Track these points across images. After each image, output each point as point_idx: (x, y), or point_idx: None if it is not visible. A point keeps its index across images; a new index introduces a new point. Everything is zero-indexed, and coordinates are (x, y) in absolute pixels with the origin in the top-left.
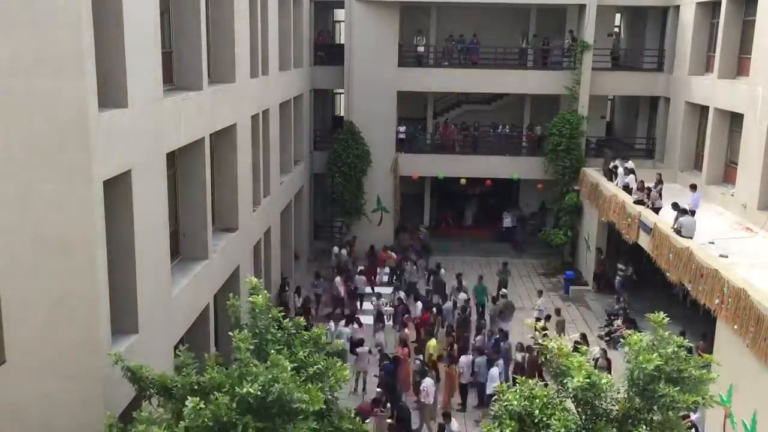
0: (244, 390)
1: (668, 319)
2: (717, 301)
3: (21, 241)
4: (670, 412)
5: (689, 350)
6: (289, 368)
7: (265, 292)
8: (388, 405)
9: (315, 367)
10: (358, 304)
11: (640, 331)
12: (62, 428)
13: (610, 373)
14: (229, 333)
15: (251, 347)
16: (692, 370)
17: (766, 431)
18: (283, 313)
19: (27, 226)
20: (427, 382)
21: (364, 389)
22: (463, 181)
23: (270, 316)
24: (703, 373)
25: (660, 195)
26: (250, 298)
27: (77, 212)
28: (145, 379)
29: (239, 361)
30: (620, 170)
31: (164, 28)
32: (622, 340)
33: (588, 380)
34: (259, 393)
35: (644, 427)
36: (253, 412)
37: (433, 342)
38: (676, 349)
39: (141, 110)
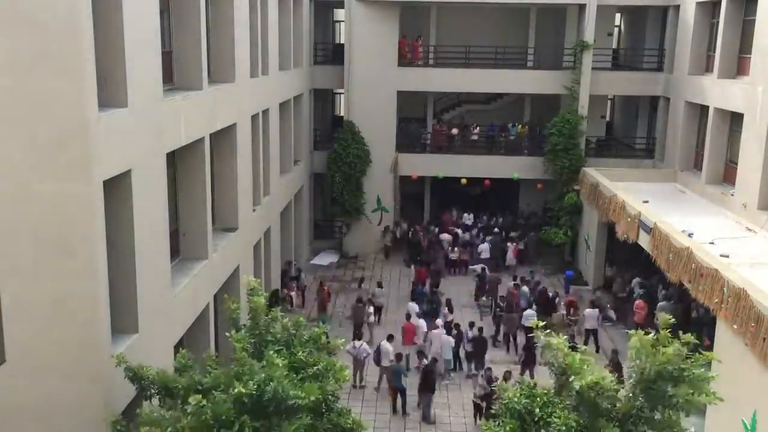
0: (236, 390)
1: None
2: (716, 300)
3: (21, 241)
4: (670, 411)
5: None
6: (281, 365)
7: (265, 293)
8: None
9: (315, 368)
10: None
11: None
12: (62, 428)
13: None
14: (226, 334)
15: (249, 347)
16: (693, 368)
17: (766, 431)
18: (282, 313)
19: (27, 226)
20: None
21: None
22: (464, 180)
23: (269, 316)
24: (702, 372)
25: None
26: (252, 299)
27: (77, 212)
28: (146, 378)
29: (237, 361)
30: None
31: (164, 28)
32: None
33: (595, 381)
34: (253, 392)
35: (645, 426)
36: (249, 411)
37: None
38: (678, 347)
39: (141, 110)
